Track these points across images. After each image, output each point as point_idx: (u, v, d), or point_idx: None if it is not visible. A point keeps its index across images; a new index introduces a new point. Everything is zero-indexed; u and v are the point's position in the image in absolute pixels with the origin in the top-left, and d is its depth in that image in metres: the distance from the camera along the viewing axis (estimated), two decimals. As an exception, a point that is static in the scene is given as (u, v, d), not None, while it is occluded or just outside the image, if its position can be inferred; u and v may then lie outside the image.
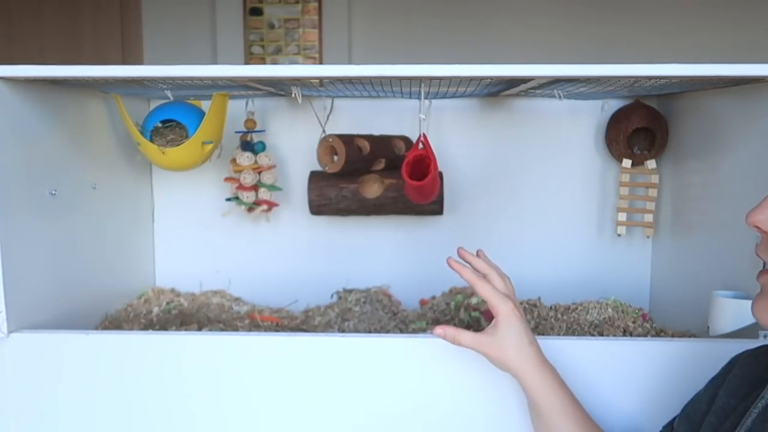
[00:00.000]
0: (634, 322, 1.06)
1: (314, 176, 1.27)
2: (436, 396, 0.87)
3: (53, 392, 0.89)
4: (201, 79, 0.94)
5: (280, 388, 0.89)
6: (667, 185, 1.27)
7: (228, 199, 1.32)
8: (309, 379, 0.88)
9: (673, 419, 0.73)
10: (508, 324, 0.75)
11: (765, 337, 0.88)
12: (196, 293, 1.34)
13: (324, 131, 1.26)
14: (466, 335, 0.76)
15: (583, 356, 0.85)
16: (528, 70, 0.85)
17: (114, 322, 1.14)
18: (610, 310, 1.11)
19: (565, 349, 0.85)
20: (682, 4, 2.93)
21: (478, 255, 0.83)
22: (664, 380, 0.85)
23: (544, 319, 1.11)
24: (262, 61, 3.12)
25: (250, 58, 3.12)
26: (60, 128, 1.02)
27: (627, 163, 1.26)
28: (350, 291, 1.30)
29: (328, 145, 1.20)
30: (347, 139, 1.20)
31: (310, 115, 1.30)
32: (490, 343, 0.75)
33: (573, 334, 1.06)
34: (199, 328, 1.13)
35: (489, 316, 1.13)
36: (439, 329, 0.76)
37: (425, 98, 1.14)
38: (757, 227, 0.54)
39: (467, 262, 0.81)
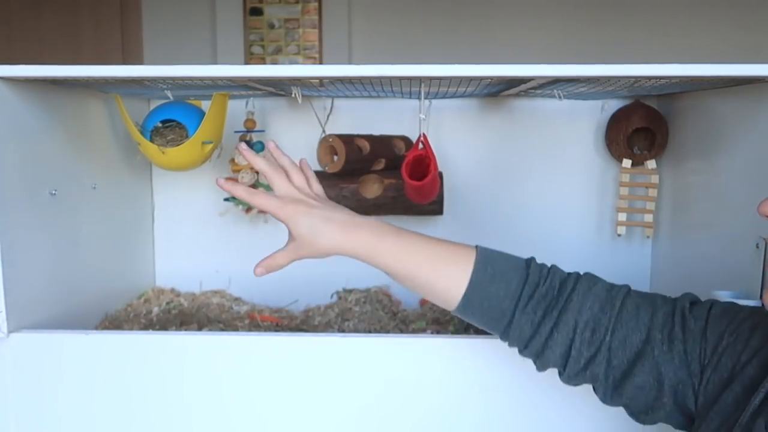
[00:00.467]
0: (634, 322, 1.06)
1: (314, 176, 1.27)
2: (435, 396, 0.87)
3: (53, 392, 0.89)
4: (201, 79, 0.94)
5: (280, 388, 0.89)
6: (667, 185, 1.27)
7: (226, 200, 1.32)
8: (309, 379, 0.88)
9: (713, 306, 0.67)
10: (295, 223, 0.72)
11: None
12: (196, 293, 1.34)
13: (324, 131, 1.26)
14: (279, 256, 0.75)
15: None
16: (528, 70, 0.85)
17: (114, 322, 1.14)
18: (610, 310, 1.11)
19: (565, 349, 0.85)
20: (682, 4, 2.93)
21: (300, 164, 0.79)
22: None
23: (544, 319, 1.11)
24: (262, 61, 3.12)
25: (250, 58, 3.12)
26: (60, 128, 1.02)
27: (627, 163, 1.26)
28: (350, 291, 1.30)
29: (328, 145, 1.20)
30: (347, 139, 1.20)
31: (310, 115, 1.30)
32: (297, 248, 0.73)
33: (573, 334, 1.06)
34: (199, 328, 1.13)
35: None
36: (258, 269, 0.75)
37: (425, 98, 1.14)
38: None
39: (275, 158, 0.78)
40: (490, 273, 0.70)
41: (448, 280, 0.70)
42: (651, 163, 1.26)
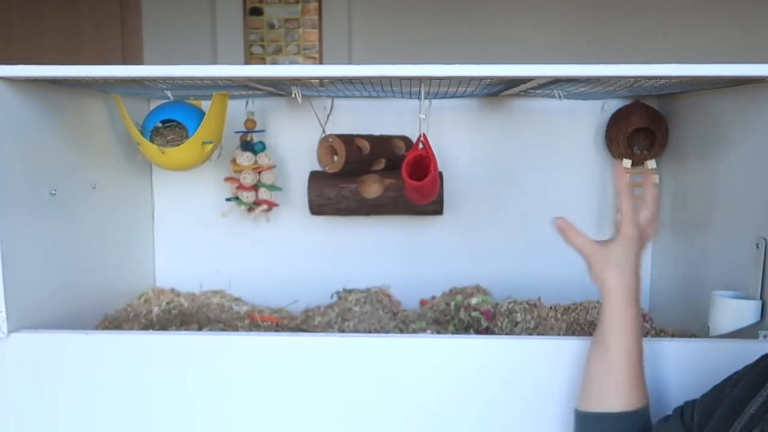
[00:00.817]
0: (634, 322, 1.06)
1: (314, 176, 1.27)
2: (435, 395, 0.87)
3: (53, 392, 0.89)
4: (201, 79, 0.94)
5: (281, 387, 0.89)
6: (667, 185, 1.27)
7: (228, 199, 1.32)
8: (309, 379, 0.88)
9: (684, 404, 0.73)
10: (623, 245, 0.76)
11: (765, 337, 0.88)
12: (196, 293, 1.34)
13: (324, 131, 1.26)
14: (579, 236, 0.78)
15: (583, 356, 0.85)
16: (528, 70, 0.85)
17: (114, 322, 1.14)
18: (610, 310, 1.11)
19: (565, 349, 0.85)
20: (682, 4, 2.93)
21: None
22: (663, 380, 0.85)
23: (544, 319, 1.11)
24: (262, 61, 3.12)
25: (250, 58, 3.12)
26: (60, 128, 1.02)
27: (627, 163, 1.26)
28: (350, 291, 1.30)
29: (328, 145, 1.20)
30: (347, 139, 1.20)
31: (310, 115, 1.30)
32: (597, 252, 0.77)
33: (573, 334, 1.06)
34: (199, 328, 1.13)
35: (489, 316, 1.13)
36: (560, 220, 0.79)
37: (425, 98, 1.14)
38: None
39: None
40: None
41: (628, 392, 0.74)
42: (651, 163, 1.26)
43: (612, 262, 0.76)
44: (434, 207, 1.26)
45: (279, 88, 1.14)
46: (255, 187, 1.28)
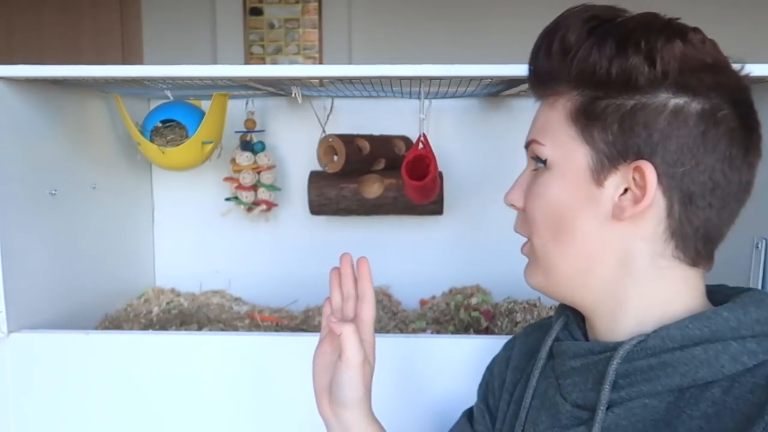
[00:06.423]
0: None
1: (314, 176, 1.27)
2: (435, 395, 0.87)
3: (53, 392, 0.89)
4: (201, 79, 0.94)
5: (281, 387, 0.89)
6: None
7: (227, 199, 1.32)
8: (309, 379, 0.88)
9: (468, 410, 0.76)
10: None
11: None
12: (196, 293, 1.34)
13: (324, 131, 1.26)
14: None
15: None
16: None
17: (114, 322, 1.14)
18: (610, 310, 1.11)
19: (565, 349, 0.85)
20: (682, 4, 2.93)
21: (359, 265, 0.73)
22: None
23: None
24: (262, 61, 3.13)
25: (250, 58, 3.12)
26: (60, 128, 1.02)
27: (627, 163, 1.26)
28: (350, 291, 1.29)
29: (328, 145, 1.20)
30: (347, 139, 1.20)
31: (310, 115, 1.30)
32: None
33: (573, 334, 1.06)
34: (199, 328, 1.13)
35: (489, 316, 1.13)
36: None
37: (425, 98, 1.14)
38: (512, 205, 0.63)
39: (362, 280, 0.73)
40: None
41: None
42: (651, 163, 1.25)
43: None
44: (434, 207, 1.26)
45: (279, 88, 1.14)
46: (254, 187, 1.28)
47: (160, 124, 1.14)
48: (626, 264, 0.55)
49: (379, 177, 1.26)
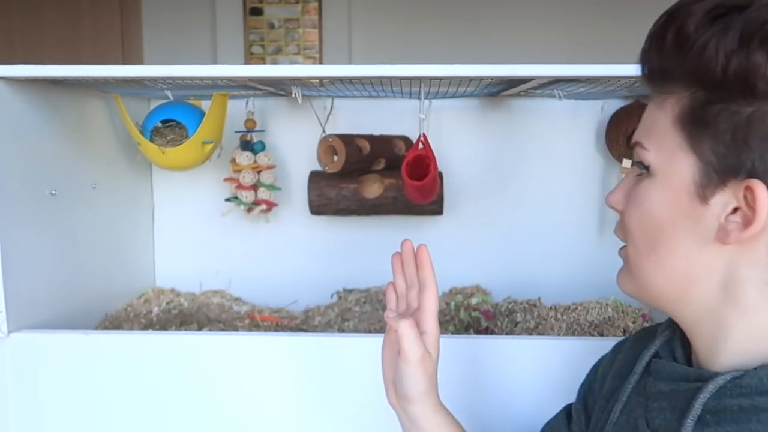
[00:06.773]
0: (634, 322, 1.06)
1: (314, 176, 1.27)
2: (436, 396, 0.87)
3: (53, 392, 0.89)
4: (201, 79, 0.94)
5: (281, 387, 0.89)
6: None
7: (227, 199, 1.32)
8: (309, 378, 0.88)
9: (570, 405, 0.73)
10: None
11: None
12: (196, 293, 1.34)
13: (324, 131, 1.26)
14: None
15: (583, 356, 0.85)
16: (528, 70, 0.85)
17: (114, 322, 1.14)
18: (610, 310, 1.11)
19: (565, 349, 0.85)
20: None
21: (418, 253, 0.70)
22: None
23: (544, 319, 1.11)
24: (262, 61, 3.13)
25: (250, 58, 3.12)
26: (60, 128, 1.02)
27: (627, 163, 1.26)
28: (350, 291, 1.30)
29: (328, 145, 1.20)
30: (347, 139, 1.20)
31: (310, 115, 1.30)
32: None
33: (573, 334, 1.06)
34: (199, 328, 1.13)
35: (489, 316, 1.13)
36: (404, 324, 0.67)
37: (425, 98, 1.14)
38: (613, 208, 0.58)
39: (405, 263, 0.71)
40: None
41: None
42: (651, 163, 1.25)
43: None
44: (434, 207, 1.26)
45: (279, 88, 1.14)
46: (254, 187, 1.28)
47: (160, 124, 1.14)
48: (730, 290, 0.49)
49: (379, 177, 1.26)
